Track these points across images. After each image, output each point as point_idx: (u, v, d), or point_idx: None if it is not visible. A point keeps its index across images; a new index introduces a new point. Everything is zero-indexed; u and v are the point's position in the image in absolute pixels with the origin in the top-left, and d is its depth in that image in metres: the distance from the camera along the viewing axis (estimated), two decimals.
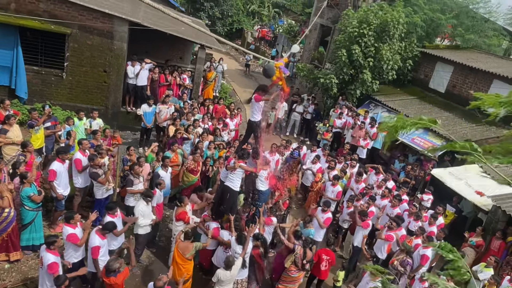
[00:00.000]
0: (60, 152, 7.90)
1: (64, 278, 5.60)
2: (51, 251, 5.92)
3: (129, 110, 12.96)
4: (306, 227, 8.46)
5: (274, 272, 7.98)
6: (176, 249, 6.87)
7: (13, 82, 11.12)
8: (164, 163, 8.93)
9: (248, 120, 8.22)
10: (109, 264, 5.83)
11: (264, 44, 29.54)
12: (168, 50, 14.51)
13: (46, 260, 5.88)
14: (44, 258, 5.92)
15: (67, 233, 6.34)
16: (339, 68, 14.88)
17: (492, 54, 16.49)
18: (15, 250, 7.15)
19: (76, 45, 11.50)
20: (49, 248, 5.92)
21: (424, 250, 8.18)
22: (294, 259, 7.40)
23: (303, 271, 7.59)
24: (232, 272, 6.58)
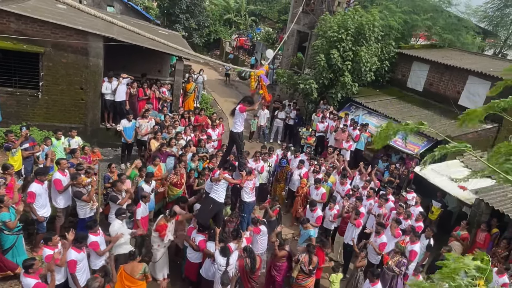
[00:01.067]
0: (39, 173, 7.73)
1: None
2: (30, 275, 5.72)
3: (108, 127, 12.77)
4: (305, 228, 8.46)
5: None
6: (123, 271, 6.58)
7: None
8: (147, 178, 8.80)
9: (230, 131, 8.17)
10: (89, 283, 5.71)
11: (243, 52, 29.65)
12: (145, 64, 14.40)
13: (26, 285, 5.69)
14: (24, 283, 5.72)
15: (46, 254, 6.20)
16: (318, 72, 15.01)
17: (466, 51, 16.86)
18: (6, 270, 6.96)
19: (50, 63, 11.32)
20: (27, 273, 5.71)
21: (412, 246, 8.27)
22: (301, 267, 7.37)
23: (313, 276, 7.59)
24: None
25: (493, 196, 9.23)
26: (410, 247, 8.27)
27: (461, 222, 9.68)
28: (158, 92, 13.36)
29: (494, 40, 22.47)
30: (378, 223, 8.70)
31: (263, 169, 10.96)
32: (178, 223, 8.24)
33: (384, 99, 15.16)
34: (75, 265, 6.28)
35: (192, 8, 25.87)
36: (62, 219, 8.22)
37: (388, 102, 14.94)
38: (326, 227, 10.01)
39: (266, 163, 11.14)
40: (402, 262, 7.89)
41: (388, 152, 13.57)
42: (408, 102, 14.82)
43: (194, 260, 7.68)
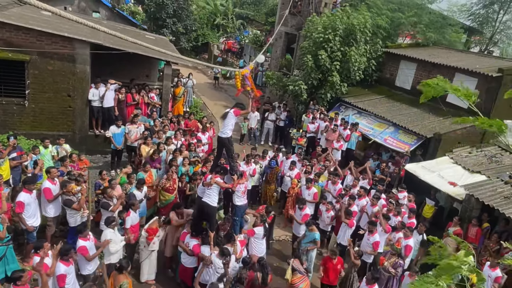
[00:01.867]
0: (27, 182, 7.61)
1: None
2: (19, 287, 5.63)
3: (97, 133, 12.65)
4: (311, 231, 8.45)
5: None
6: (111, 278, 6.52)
7: None
8: (138, 184, 8.72)
9: (218, 137, 8.12)
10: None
11: (231, 55, 29.65)
12: (133, 69, 14.30)
13: None
14: None
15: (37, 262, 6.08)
16: (307, 73, 15.06)
17: (452, 48, 17.06)
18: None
19: (36, 71, 11.18)
20: (16, 285, 5.62)
21: (407, 241, 8.33)
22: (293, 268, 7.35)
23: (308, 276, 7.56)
24: None
25: (483, 191, 9.32)
26: (405, 242, 8.34)
27: (453, 218, 9.77)
28: (146, 97, 13.27)
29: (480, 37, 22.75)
30: (370, 222, 8.72)
31: (255, 171, 10.94)
32: (173, 229, 8.18)
33: (373, 98, 15.26)
34: (65, 279, 6.19)
35: (179, 12, 25.80)
36: (52, 228, 8.10)
37: (377, 101, 15.04)
38: (323, 229, 10.02)
39: (257, 165, 11.13)
40: (398, 263, 7.91)
41: (378, 150, 13.66)
42: (397, 101, 14.93)
43: (188, 265, 7.64)
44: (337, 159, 12.73)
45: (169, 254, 8.34)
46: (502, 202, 8.86)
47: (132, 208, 7.88)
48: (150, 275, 8.10)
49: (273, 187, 11.39)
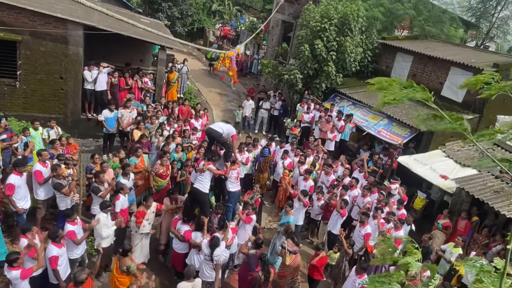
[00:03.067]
0: (17, 165, 7.51)
1: None
2: (15, 268, 5.63)
3: (89, 117, 12.51)
4: (286, 213, 8.50)
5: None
6: (117, 261, 6.61)
7: None
8: (124, 171, 8.61)
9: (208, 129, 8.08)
10: (76, 275, 5.65)
11: (227, 42, 29.35)
12: (127, 53, 14.08)
13: (12, 278, 5.63)
14: (9, 276, 5.65)
15: (24, 245, 6.09)
16: (303, 63, 14.96)
17: (449, 42, 17.05)
18: None
19: (28, 52, 10.98)
20: (11, 266, 5.62)
21: (396, 232, 8.41)
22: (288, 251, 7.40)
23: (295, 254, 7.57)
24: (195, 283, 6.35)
25: (474, 185, 9.41)
26: (394, 234, 8.40)
27: (443, 210, 9.88)
28: (140, 82, 13.12)
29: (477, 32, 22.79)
30: (363, 213, 8.77)
31: (248, 160, 10.92)
32: (168, 217, 8.18)
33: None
34: (57, 261, 6.19)
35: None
36: (43, 211, 8.04)
37: (373, 93, 14.98)
38: (313, 218, 10.07)
39: (251, 154, 11.11)
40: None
41: (371, 142, 13.70)
42: None
43: (179, 251, 7.66)
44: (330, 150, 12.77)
45: (164, 241, 8.34)
46: (492, 196, 8.96)
47: (121, 192, 7.83)
48: (140, 259, 8.11)
49: (266, 176, 11.38)
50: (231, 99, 19.48)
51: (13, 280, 5.64)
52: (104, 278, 7.72)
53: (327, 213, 9.56)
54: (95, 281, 7.60)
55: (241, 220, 8.27)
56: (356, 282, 7.05)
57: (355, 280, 7.08)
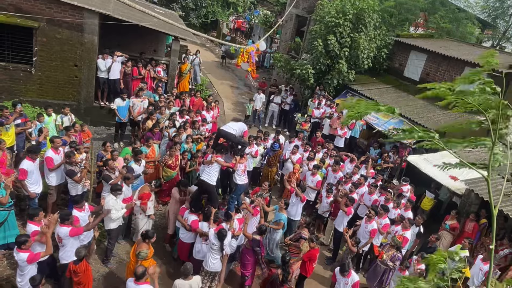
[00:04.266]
0: (30, 151, 7.66)
1: (40, 278, 5.59)
2: (23, 250, 5.78)
3: (102, 105, 12.65)
4: (279, 211, 8.47)
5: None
6: (135, 245, 6.79)
7: None
8: (136, 157, 8.76)
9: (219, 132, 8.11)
10: (77, 251, 5.83)
11: (240, 35, 29.28)
12: (141, 43, 14.20)
13: (20, 260, 5.77)
14: (17, 258, 5.80)
15: (31, 230, 6.23)
16: (315, 58, 14.91)
17: (464, 42, 16.83)
18: None
19: (44, 39, 11.11)
20: (20, 248, 5.77)
21: (403, 233, 8.39)
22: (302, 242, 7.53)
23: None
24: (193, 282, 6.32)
25: (483, 187, 9.33)
26: (401, 233, 8.40)
27: (450, 211, 9.83)
28: (153, 71, 13.21)
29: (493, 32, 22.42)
30: (372, 208, 8.74)
31: (257, 153, 10.97)
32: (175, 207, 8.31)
33: (380, 87, 15.15)
34: (76, 232, 6.36)
35: None
36: (54, 197, 8.19)
37: (384, 91, 14.94)
38: (321, 214, 10.10)
39: (260, 147, 11.15)
40: (396, 257, 7.93)
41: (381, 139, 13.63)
42: (404, 91, 14.82)
43: (186, 240, 7.76)
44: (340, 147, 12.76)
45: (171, 231, 8.47)
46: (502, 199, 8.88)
47: (126, 182, 7.93)
48: None
49: (274, 170, 11.44)
50: (242, 92, 19.51)
51: (20, 262, 5.77)
52: (112, 264, 7.87)
53: (335, 210, 9.58)
54: (103, 266, 7.80)
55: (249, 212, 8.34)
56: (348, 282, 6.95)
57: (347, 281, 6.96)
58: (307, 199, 10.34)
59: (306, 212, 10.83)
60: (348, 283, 6.97)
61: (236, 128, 8.06)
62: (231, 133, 7.93)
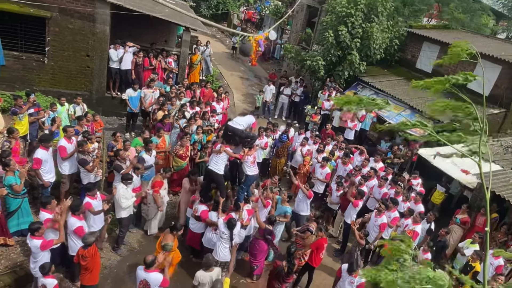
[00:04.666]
0: (44, 140, 7.76)
1: (49, 265, 5.69)
2: (36, 237, 5.90)
3: (114, 95, 12.74)
4: (282, 203, 8.46)
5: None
6: (162, 236, 6.95)
7: None
8: (147, 147, 8.84)
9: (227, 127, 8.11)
10: (85, 237, 5.92)
11: (251, 26, 29.16)
12: (152, 33, 14.21)
13: (33, 246, 5.90)
14: (31, 244, 5.92)
15: (44, 218, 6.34)
16: (326, 49, 14.78)
17: (478, 33, 16.54)
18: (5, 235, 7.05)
19: (57, 29, 11.19)
20: (33, 235, 5.89)
21: (414, 227, 8.36)
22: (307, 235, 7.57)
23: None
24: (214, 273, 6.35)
25: (495, 181, 9.24)
26: (412, 227, 8.36)
27: (461, 205, 9.76)
28: (164, 62, 13.24)
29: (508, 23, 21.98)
30: (382, 202, 8.71)
31: (266, 145, 10.98)
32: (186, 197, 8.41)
33: (392, 79, 15.00)
34: (83, 230, 6.45)
35: None
36: (67, 185, 8.31)
37: (396, 83, 14.78)
38: (330, 207, 10.10)
39: (269, 139, 11.15)
40: None
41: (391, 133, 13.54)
42: None
43: (196, 230, 7.84)
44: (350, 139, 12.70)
45: (182, 222, 8.56)
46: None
47: (135, 172, 8.01)
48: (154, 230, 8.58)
49: (283, 161, 11.44)
50: (252, 83, 19.47)
51: (33, 248, 5.91)
52: (121, 251, 8.00)
53: (344, 203, 9.56)
54: (114, 254, 7.93)
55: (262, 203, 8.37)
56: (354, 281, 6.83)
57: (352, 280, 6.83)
58: (316, 191, 10.36)
59: (315, 204, 10.85)
60: (354, 282, 6.82)
61: (243, 123, 8.02)
62: (237, 129, 7.94)
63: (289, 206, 8.49)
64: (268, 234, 7.60)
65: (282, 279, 6.97)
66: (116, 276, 7.47)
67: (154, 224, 8.55)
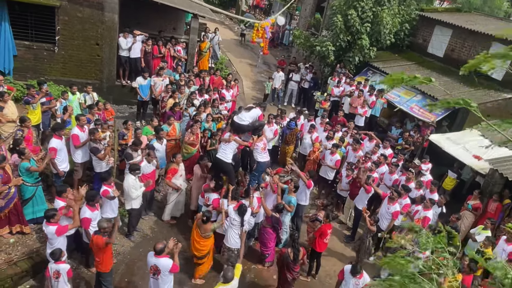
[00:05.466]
0: (56, 129, 7.85)
1: (60, 251, 5.81)
2: (52, 223, 6.03)
3: (124, 84, 12.80)
4: (288, 194, 8.42)
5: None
6: (195, 227, 7.13)
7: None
8: (158, 135, 8.90)
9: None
10: (99, 223, 6.04)
11: (259, 12, 28.89)
12: (160, 21, 14.15)
13: (49, 233, 6.03)
14: (46, 231, 6.06)
15: (59, 206, 6.45)
16: (335, 34, 14.61)
17: (491, 16, 16.17)
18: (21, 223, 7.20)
19: (66, 17, 11.21)
20: (49, 222, 6.03)
21: (426, 212, 8.33)
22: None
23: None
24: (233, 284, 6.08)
25: (508, 166, 9.15)
26: (424, 213, 8.35)
27: (473, 191, 9.69)
28: (173, 50, 13.21)
29: None
30: (395, 190, 8.68)
31: (276, 132, 10.96)
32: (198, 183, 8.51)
33: (402, 64, 14.81)
34: (89, 223, 6.54)
35: None
36: (80, 173, 8.43)
37: (407, 68, 14.59)
38: (339, 193, 10.11)
39: (279, 126, 11.13)
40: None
41: (403, 119, 13.44)
42: (427, 68, 14.45)
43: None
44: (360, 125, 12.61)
45: (194, 207, 8.67)
46: None
47: (146, 159, 8.10)
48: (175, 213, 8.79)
49: (291, 148, 11.41)
50: (261, 71, 19.37)
51: (49, 235, 6.05)
52: (134, 238, 8.14)
53: (354, 189, 9.54)
54: (127, 240, 8.07)
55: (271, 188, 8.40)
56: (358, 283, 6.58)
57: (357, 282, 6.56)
58: (326, 178, 10.37)
59: (325, 191, 10.87)
60: (359, 284, 6.52)
61: (249, 118, 7.96)
62: (242, 125, 7.93)
63: (294, 196, 8.43)
64: (275, 222, 7.64)
65: (290, 267, 6.97)
66: (130, 262, 7.63)
67: (169, 210, 8.68)
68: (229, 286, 5.80)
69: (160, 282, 5.92)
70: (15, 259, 6.79)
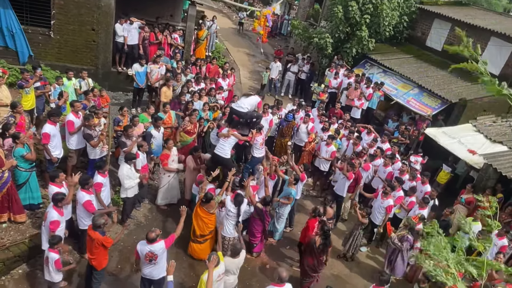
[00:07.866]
0: (51, 114, 7.76)
1: (59, 238, 5.81)
2: (58, 208, 6.02)
3: (120, 70, 12.67)
4: (288, 186, 8.38)
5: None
6: (199, 206, 7.23)
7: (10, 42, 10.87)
8: (155, 123, 8.85)
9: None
10: (95, 219, 5.94)
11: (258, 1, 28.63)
12: (158, 7, 13.98)
13: (50, 216, 5.99)
14: (49, 214, 6.02)
15: (53, 191, 6.38)
16: (334, 25, 14.52)
17: (490, 10, 16.14)
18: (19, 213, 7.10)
19: (62, 1, 11.04)
20: (56, 205, 6.02)
21: (420, 211, 8.35)
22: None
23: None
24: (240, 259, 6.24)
25: (502, 162, 9.21)
26: (418, 212, 8.35)
27: (466, 185, 9.75)
28: (170, 37, 13.08)
29: None
30: (388, 184, 8.69)
31: (272, 122, 10.91)
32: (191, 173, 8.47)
33: (400, 57, 14.78)
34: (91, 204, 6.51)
35: None
36: (74, 160, 8.35)
37: (405, 61, 14.57)
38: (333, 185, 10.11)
39: (275, 116, 11.08)
40: (405, 238, 7.62)
41: (399, 112, 13.44)
42: (425, 62, 14.43)
43: None
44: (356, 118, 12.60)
45: (188, 197, 8.65)
46: None
47: (140, 149, 8.01)
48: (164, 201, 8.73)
49: (287, 140, 11.36)
50: (258, 60, 19.26)
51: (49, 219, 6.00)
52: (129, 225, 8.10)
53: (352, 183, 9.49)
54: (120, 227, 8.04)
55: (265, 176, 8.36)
56: None
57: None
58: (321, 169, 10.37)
59: (319, 182, 10.88)
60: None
61: (247, 105, 7.93)
62: (240, 112, 7.88)
63: (294, 188, 8.38)
64: (259, 213, 7.58)
65: (315, 252, 6.87)
66: (123, 249, 7.62)
67: (162, 193, 8.65)
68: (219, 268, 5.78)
69: (158, 263, 5.91)
70: (7, 244, 6.76)
